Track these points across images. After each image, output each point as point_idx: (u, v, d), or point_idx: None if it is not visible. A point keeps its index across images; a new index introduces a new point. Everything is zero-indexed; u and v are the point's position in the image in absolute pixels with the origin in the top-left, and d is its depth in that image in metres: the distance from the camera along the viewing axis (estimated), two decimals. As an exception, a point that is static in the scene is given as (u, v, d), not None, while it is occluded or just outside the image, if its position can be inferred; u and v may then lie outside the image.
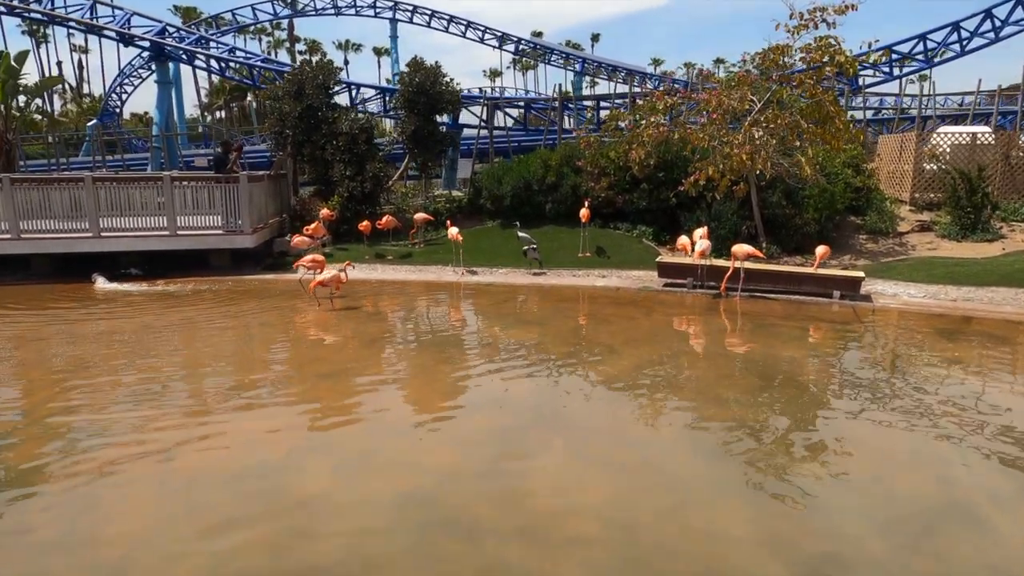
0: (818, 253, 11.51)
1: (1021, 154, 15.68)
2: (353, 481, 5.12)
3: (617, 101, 21.09)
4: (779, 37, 13.29)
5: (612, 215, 15.53)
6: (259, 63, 24.94)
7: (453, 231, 13.88)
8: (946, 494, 4.83)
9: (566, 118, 22.78)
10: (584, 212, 14.21)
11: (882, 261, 13.16)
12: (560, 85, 25.00)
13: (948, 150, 15.78)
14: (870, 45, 13.82)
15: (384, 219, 15.24)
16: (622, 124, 15.63)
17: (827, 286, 10.99)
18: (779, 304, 10.85)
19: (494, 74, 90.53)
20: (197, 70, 36.97)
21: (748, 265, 11.37)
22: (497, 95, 39.18)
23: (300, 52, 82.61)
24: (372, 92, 24.12)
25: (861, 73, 14.54)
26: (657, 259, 12.54)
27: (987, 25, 22.44)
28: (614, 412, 6.43)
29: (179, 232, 13.59)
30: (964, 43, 22.43)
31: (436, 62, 17.55)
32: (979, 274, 11.69)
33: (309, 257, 11.67)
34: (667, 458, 5.48)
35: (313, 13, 39.28)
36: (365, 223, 14.97)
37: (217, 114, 74.49)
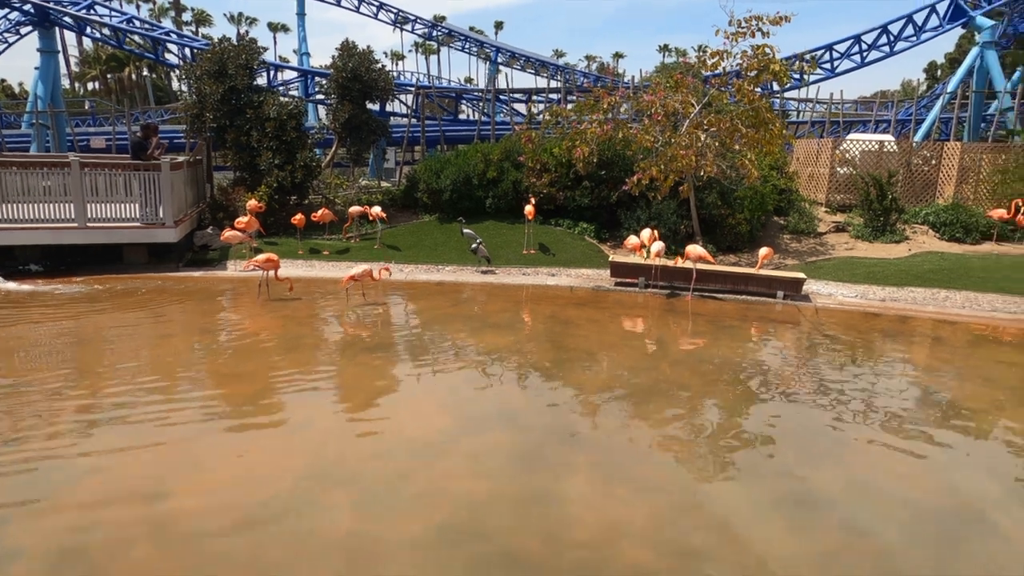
0: (761, 254, 12.06)
1: (919, 161, 17.15)
2: (379, 519, 4.77)
3: (552, 96, 21.12)
4: (717, 42, 13.77)
5: (553, 212, 15.55)
6: (163, 35, 22.81)
7: (376, 209, 14.29)
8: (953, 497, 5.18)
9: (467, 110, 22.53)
10: (529, 209, 14.11)
11: (808, 261, 13.98)
12: (491, 76, 24.57)
13: (857, 156, 17.00)
14: (802, 57, 14.58)
15: (320, 211, 14.43)
16: (563, 120, 15.65)
17: (772, 287, 11.54)
18: (730, 304, 11.28)
19: (396, 57, 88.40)
20: (83, 37, 33.29)
21: (698, 266, 11.72)
22: (427, 84, 38.18)
23: (186, 23, 76.89)
24: (293, 74, 22.74)
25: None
26: (611, 259, 12.67)
27: (883, 39, 24.44)
28: (625, 427, 6.40)
29: (89, 224, 12.21)
30: (864, 54, 24.31)
31: (368, 46, 16.82)
32: (896, 274, 12.68)
33: (263, 256, 10.86)
34: (696, 474, 5.51)
35: (210, -18, 36.37)
36: (299, 216, 14.11)
37: (90, 86, 68.03)
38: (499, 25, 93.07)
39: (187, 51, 23.07)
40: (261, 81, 17.91)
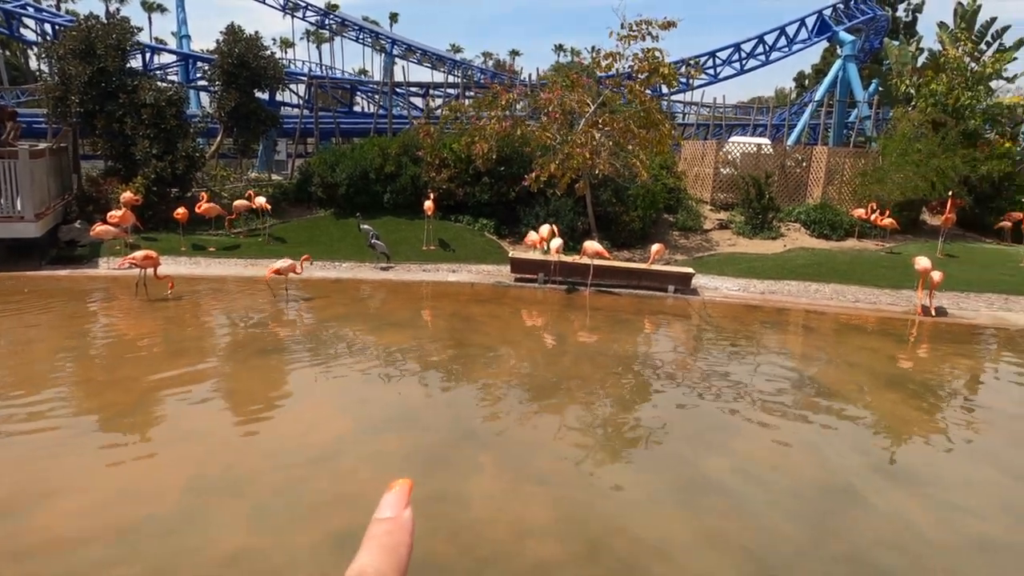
0: (653, 250, 12.55)
1: (792, 164, 18.49)
2: (279, 530, 4.55)
3: (451, 91, 20.95)
4: (610, 44, 14.18)
5: (453, 207, 15.46)
6: (17, 7, 20.49)
7: (260, 199, 13.86)
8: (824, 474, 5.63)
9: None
10: (429, 204, 13.94)
11: (695, 256, 14.74)
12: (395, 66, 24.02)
13: (738, 157, 18.10)
14: (688, 62, 15.32)
15: (205, 205, 13.56)
16: (462, 116, 15.59)
17: (664, 281, 12.05)
18: (625, 299, 11.68)
19: (286, 44, 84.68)
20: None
21: (595, 261, 12.05)
22: (319, 74, 36.66)
23: (46, -5, 69.90)
24: (172, 58, 21.18)
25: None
26: (510, 255, 12.77)
27: (760, 48, 26.16)
28: (528, 422, 6.46)
29: (-69, 217, 10.86)
30: (743, 62, 25.92)
31: (256, 32, 15.97)
32: (773, 269, 13.62)
33: (141, 253, 10.06)
34: (596, 465, 5.65)
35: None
36: (182, 210, 13.19)
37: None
38: (394, 17, 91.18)
39: (47, 27, 21.02)
40: (136, 64, 16.55)
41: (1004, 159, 17.88)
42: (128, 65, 14.89)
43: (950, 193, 14.84)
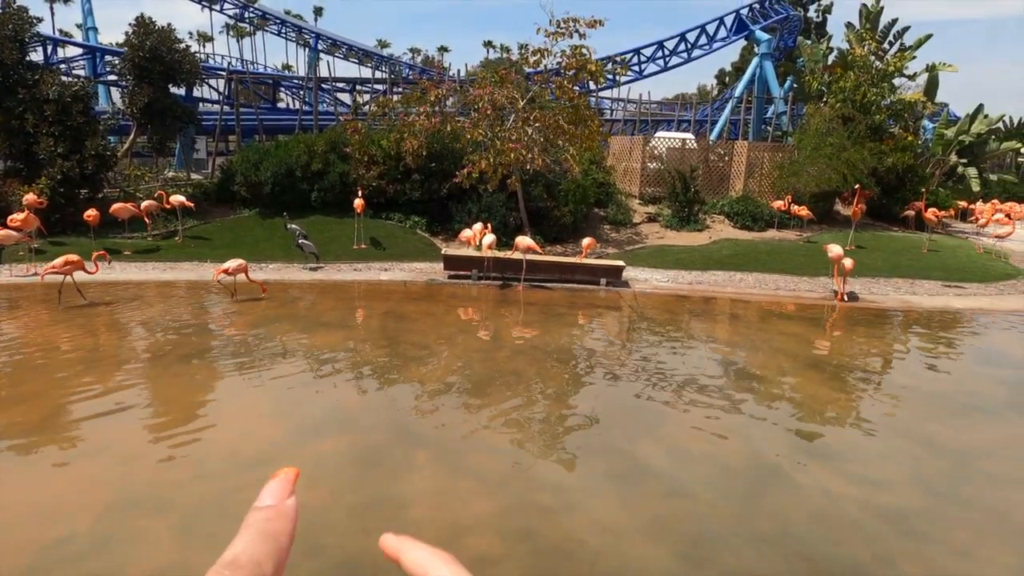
0: (584, 244, 12.75)
1: (715, 158, 19.13)
2: (210, 544, 4.35)
3: (378, 87, 20.58)
4: (538, 41, 14.30)
5: (384, 205, 15.24)
6: None
7: (178, 198, 13.48)
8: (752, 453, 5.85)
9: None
10: (359, 202, 13.69)
11: (626, 249, 15.05)
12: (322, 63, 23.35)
13: (664, 152, 18.58)
14: (614, 59, 15.57)
15: (117, 206, 12.85)
16: (391, 112, 15.37)
17: (596, 274, 12.24)
18: (558, 293, 11.79)
19: (204, 38, 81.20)
20: None
21: (528, 256, 12.12)
22: (240, 68, 35.22)
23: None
24: (77, 51, 19.89)
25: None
26: (443, 252, 12.69)
27: (682, 46, 26.94)
28: (464, 419, 6.43)
29: None
30: (667, 59, 26.63)
31: (169, 24, 15.25)
32: (700, 260, 14.07)
33: (62, 259, 9.49)
34: (534, 459, 5.68)
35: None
36: (93, 211, 12.46)
37: None
38: (319, 11, 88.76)
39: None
40: (36, 57, 15.51)
41: (907, 152, 19.08)
42: (27, 58, 13.93)
43: (857, 185, 15.70)
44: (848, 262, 11.34)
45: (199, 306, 10.56)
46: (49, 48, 18.97)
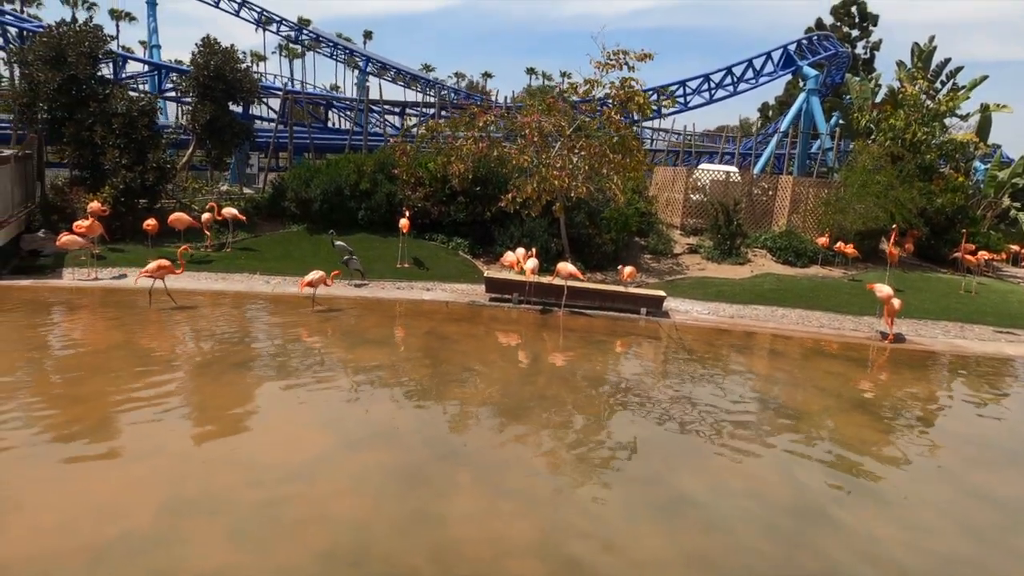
0: (625, 272, 12.77)
1: (759, 192, 19.03)
2: (260, 548, 4.49)
3: (427, 111, 21.09)
4: (577, 67, 14.54)
5: (427, 226, 15.51)
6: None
7: (231, 211, 14.00)
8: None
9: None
10: (404, 222, 13.97)
11: (666, 279, 15.01)
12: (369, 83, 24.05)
13: (708, 184, 18.56)
14: (659, 91, 15.73)
15: (176, 216, 13.37)
16: (438, 135, 15.71)
17: (636, 303, 12.24)
18: (598, 320, 11.82)
19: (257, 57, 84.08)
20: None
21: (569, 283, 12.19)
22: (294, 88, 36.45)
23: (8, 0, 68.34)
24: (140, 67, 20.88)
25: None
26: (486, 274, 12.84)
27: (728, 79, 27.03)
28: (505, 441, 6.50)
29: None
30: (712, 92, 26.72)
31: (232, 45, 15.93)
32: (741, 293, 13.95)
33: (155, 264, 10.12)
34: (574, 484, 5.71)
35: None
36: (152, 221, 12.98)
37: None
38: (368, 35, 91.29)
39: (12, 31, 20.55)
40: (105, 72, 16.31)
41: (958, 192, 18.69)
42: (99, 73, 14.68)
43: (894, 225, 15.40)
44: (896, 302, 11.14)
45: (248, 317, 10.87)
46: (119, 64, 19.96)
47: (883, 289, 11.37)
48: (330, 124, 25.03)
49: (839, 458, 6.64)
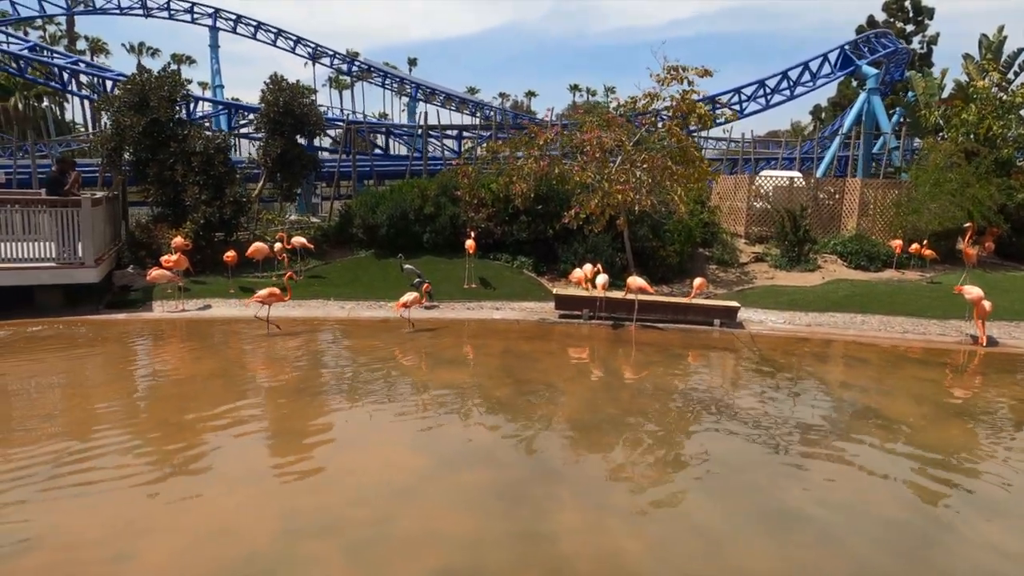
0: (696, 284, 12.63)
1: (824, 196, 18.56)
2: (377, 567, 4.60)
3: (484, 133, 21.45)
4: (622, 84, 14.58)
5: (491, 246, 15.68)
6: (70, 64, 21.44)
7: (299, 239, 14.58)
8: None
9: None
10: (470, 243, 14.17)
11: (735, 290, 14.75)
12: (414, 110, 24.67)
13: (771, 191, 18.21)
14: (715, 100, 15.59)
15: (254, 247, 13.92)
16: (499, 156, 15.95)
17: (709, 315, 12.08)
18: (671, 333, 11.70)
19: (308, 91, 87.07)
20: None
21: (639, 297, 12.13)
22: (353, 119, 37.65)
23: (80, 51, 72.87)
24: (212, 107, 21.95)
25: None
26: (555, 291, 12.91)
27: (784, 84, 26.56)
28: (602, 457, 6.49)
29: (-2, 265, 11.25)
30: (768, 97, 26.30)
31: (298, 80, 16.58)
32: (815, 301, 13.58)
33: (266, 291, 10.77)
34: (677, 498, 5.66)
35: (116, 12, 34.66)
36: (231, 253, 13.55)
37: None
38: (413, 62, 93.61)
39: (95, 79, 21.92)
40: (182, 114, 17.20)
41: (1040, 187, 17.79)
42: (177, 115, 15.48)
43: (967, 224, 14.68)
44: (988, 304, 10.67)
45: (329, 340, 11.19)
46: (192, 105, 21.06)
47: (974, 291, 10.91)
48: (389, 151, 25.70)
49: (946, 468, 6.38)
